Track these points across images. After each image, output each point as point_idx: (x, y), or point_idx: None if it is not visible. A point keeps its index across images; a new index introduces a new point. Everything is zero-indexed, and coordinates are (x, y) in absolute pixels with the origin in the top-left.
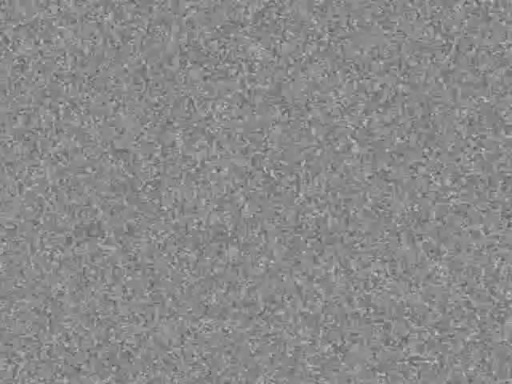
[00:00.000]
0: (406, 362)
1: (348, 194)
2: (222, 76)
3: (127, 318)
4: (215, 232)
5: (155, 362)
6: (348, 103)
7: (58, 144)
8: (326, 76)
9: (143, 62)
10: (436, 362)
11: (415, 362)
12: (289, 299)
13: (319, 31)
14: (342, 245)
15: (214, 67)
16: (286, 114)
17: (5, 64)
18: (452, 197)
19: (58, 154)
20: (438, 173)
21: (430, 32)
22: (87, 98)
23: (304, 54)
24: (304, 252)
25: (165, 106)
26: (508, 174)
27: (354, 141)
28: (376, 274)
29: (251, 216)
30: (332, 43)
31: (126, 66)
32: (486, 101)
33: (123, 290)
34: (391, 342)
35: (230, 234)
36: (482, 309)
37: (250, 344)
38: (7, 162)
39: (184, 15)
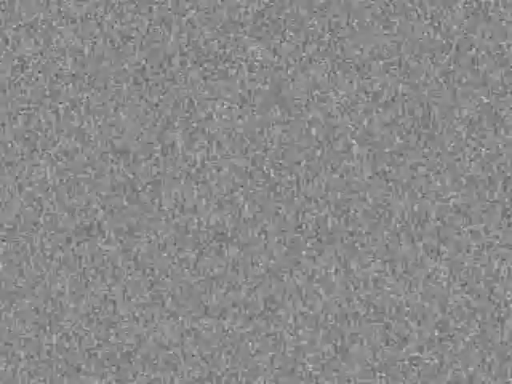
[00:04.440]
0: (406, 362)
1: (348, 194)
2: (222, 76)
3: (127, 318)
4: (215, 232)
5: (155, 362)
6: (348, 103)
7: (58, 144)
8: (326, 76)
9: (143, 62)
10: (436, 361)
11: (415, 362)
12: (289, 299)
13: (319, 31)
14: (342, 245)
15: (214, 67)
16: (285, 114)
17: (5, 64)
18: (452, 197)
19: (58, 154)
20: (438, 173)
21: (430, 32)
22: (87, 98)
23: (304, 54)
24: (304, 252)
25: (165, 106)
26: (508, 174)
27: (354, 141)
28: (376, 274)
29: (251, 216)
30: (332, 43)
31: (126, 66)
32: (485, 101)
33: (123, 290)
34: (391, 342)
35: (230, 234)
36: (481, 309)
37: (250, 344)
38: (7, 161)
39: (184, 15)
